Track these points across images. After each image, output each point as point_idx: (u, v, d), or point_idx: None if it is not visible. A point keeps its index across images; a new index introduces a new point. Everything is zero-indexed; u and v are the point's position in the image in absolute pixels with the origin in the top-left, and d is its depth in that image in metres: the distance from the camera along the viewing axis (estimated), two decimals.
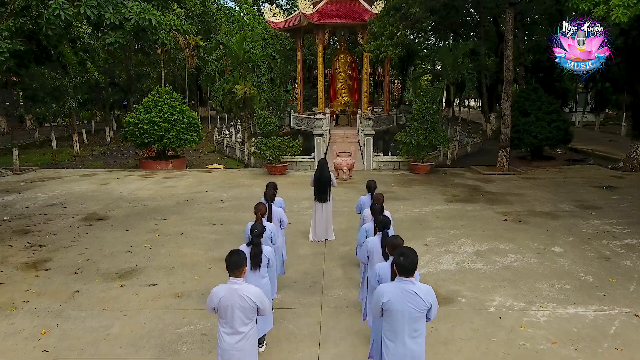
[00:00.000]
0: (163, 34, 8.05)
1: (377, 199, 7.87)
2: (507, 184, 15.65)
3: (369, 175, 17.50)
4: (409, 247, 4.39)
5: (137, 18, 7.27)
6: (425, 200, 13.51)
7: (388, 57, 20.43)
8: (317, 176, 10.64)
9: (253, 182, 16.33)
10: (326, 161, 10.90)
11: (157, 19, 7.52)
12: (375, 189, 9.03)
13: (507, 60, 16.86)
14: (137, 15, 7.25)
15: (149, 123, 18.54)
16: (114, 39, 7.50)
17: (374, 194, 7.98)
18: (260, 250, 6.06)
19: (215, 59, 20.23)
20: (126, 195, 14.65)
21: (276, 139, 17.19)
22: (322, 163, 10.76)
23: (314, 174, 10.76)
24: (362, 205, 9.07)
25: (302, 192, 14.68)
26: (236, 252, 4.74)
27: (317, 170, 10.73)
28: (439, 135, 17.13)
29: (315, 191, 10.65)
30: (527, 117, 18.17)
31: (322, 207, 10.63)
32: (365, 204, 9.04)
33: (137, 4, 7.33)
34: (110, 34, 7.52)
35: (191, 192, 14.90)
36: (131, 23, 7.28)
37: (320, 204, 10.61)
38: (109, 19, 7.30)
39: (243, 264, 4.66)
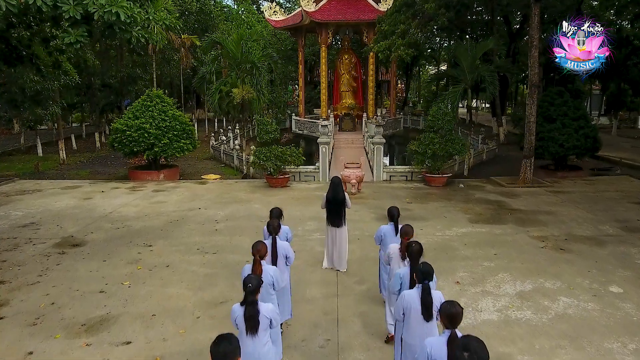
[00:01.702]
0: (138, 31, 6.50)
1: (406, 232, 6.31)
2: (534, 200, 14.06)
3: (379, 187, 15.93)
4: (476, 338, 3.24)
5: (101, 12, 5.71)
6: (447, 221, 11.92)
7: (394, 58, 18.81)
8: (329, 197, 9.13)
9: (252, 197, 14.74)
10: (340, 180, 9.35)
11: (128, 13, 5.94)
12: (399, 216, 7.51)
13: (532, 61, 15.27)
14: (102, 8, 5.69)
15: (138, 130, 16.94)
16: (75, 37, 5.93)
17: (404, 228, 6.39)
18: (257, 311, 4.57)
19: (210, 59, 18.64)
20: (109, 214, 13.06)
21: (277, 149, 15.60)
22: (336, 182, 9.21)
23: (326, 194, 9.24)
24: (382, 237, 7.52)
25: (307, 210, 13.09)
26: (225, 339, 3.28)
27: (329, 190, 9.19)
28: (456, 144, 15.55)
29: (328, 214, 9.15)
30: (552, 124, 16.58)
31: (335, 233, 9.13)
32: (387, 235, 7.49)
33: None
34: (71, 31, 5.96)
35: (182, 210, 13.31)
36: (95, 18, 5.73)
37: (333, 228, 9.12)
38: (67, 12, 5.74)
39: (235, 355, 3.24)
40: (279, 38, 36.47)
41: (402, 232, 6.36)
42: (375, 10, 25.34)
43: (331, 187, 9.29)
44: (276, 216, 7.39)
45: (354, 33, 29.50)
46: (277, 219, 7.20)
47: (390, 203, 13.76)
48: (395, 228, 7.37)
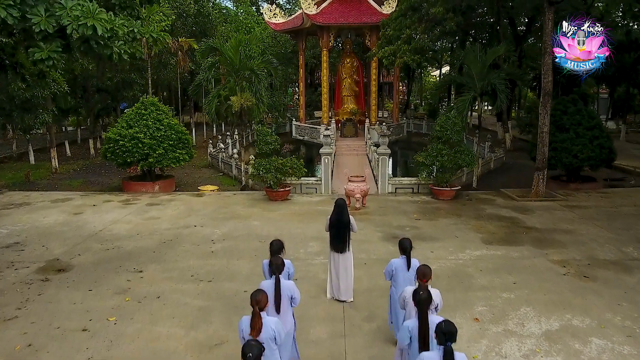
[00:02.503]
0: (121, 45, 5.75)
1: (424, 274, 5.60)
2: (549, 216, 13.31)
3: (385, 201, 15.17)
4: None
5: (75, 25, 4.96)
6: (459, 241, 11.16)
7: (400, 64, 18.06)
8: (333, 220, 8.39)
9: (250, 212, 13.97)
10: (344, 202, 8.58)
11: (107, 26, 5.19)
12: (412, 249, 6.80)
13: (546, 68, 14.52)
14: (76, 20, 4.94)
15: (132, 140, 16.18)
16: (47, 53, 5.19)
17: (421, 270, 5.64)
18: None
19: (207, 66, 17.86)
20: (100, 232, 12.29)
21: (277, 160, 14.84)
22: (340, 204, 8.45)
23: (330, 217, 8.49)
24: (393, 272, 6.78)
25: (309, 228, 12.32)
26: None
27: (333, 213, 8.44)
28: (466, 155, 14.80)
29: (331, 239, 8.40)
30: (565, 134, 15.83)
31: (339, 259, 8.38)
32: (399, 270, 6.77)
33: (77, 4, 5.02)
34: (42, 46, 5.21)
35: (177, 227, 12.54)
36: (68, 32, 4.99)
37: (337, 254, 8.37)
38: (38, 25, 4.99)
39: None
40: (278, 41, 35.68)
41: (420, 274, 5.62)
42: (378, 13, 24.58)
43: (335, 209, 8.56)
44: (277, 251, 6.67)
45: (356, 35, 28.75)
46: (280, 256, 6.48)
47: (397, 219, 13.08)
48: (407, 262, 6.67)
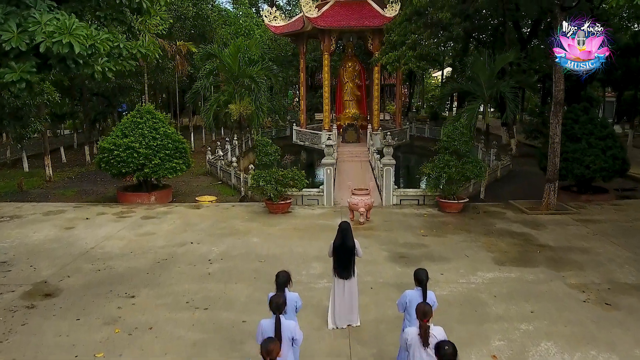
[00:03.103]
0: (104, 63, 5.17)
1: (424, 313, 5.18)
2: (562, 231, 12.71)
3: (390, 214, 14.57)
4: None
5: (49, 42, 4.37)
6: (470, 262, 10.57)
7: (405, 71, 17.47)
8: (337, 245, 7.88)
9: (250, 227, 13.37)
10: (349, 225, 8.03)
11: (86, 43, 4.60)
12: (428, 280, 6.27)
13: (557, 76, 13.94)
14: (50, 37, 4.35)
15: (126, 149, 15.60)
16: (19, 75, 4.59)
17: (421, 308, 5.18)
18: None
19: (205, 73, 17.27)
20: (91, 249, 11.70)
21: (278, 172, 14.26)
22: (344, 228, 7.93)
23: (334, 241, 7.98)
24: (407, 304, 6.23)
25: (311, 245, 11.73)
26: None
27: (337, 237, 7.92)
28: (474, 167, 14.21)
29: (335, 264, 7.88)
30: (577, 144, 15.24)
31: (343, 285, 7.84)
32: (414, 302, 6.21)
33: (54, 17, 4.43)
34: (14, 66, 4.61)
35: (173, 245, 11.95)
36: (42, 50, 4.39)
37: (341, 280, 7.83)
38: (9, 42, 4.40)
39: None
40: (278, 43, 35.09)
41: (420, 313, 5.16)
42: (381, 16, 23.99)
43: (339, 233, 8.03)
44: (283, 283, 6.16)
45: (358, 39, 28.16)
46: (283, 292, 5.96)
47: (403, 236, 12.48)
48: (423, 295, 6.12)
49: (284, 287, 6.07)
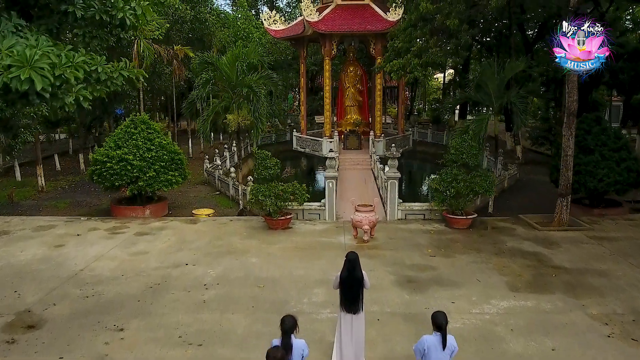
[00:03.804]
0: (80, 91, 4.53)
1: None
2: (577, 251, 12.07)
3: (395, 231, 13.92)
4: None
5: (6, 78, 3.73)
6: (482, 287, 9.93)
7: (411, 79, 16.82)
8: (343, 277, 7.32)
9: (248, 245, 12.72)
10: (357, 256, 7.45)
11: (49, 75, 3.94)
12: (447, 323, 5.69)
13: (571, 86, 13.31)
14: (7, 72, 3.70)
15: (120, 162, 14.97)
16: None
17: None
18: None
19: (202, 83, 16.63)
20: (80, 271, 11.06)
21: (278, 187, 13.61)
22: (352, 259, 7.38)
23: (340, 273, 7.43)
24: (425, 352, 5.64)
25: (313, 267, 11.10)
26: None
27: (344, 269, 7.37)
28: (483, 181, 13.57)
29: (342, 298, 7.29)
30: (589, 156, 14.59)
31: (351, 320, 7.25)
32: (432, 350, 5.64)
33: (17, 42, 3.79)
34: None
35: (166, 266, 11.30)
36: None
37: (348, 315, 7.25)
38: None
39: None
40: (278, 47, 34.44)
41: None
42: (384, 20, 23.36)
43: (346, 265, 7.44)
44: (289, 329, 5.64)
45: (360, 42, 27.52)
46: (289, 339, 5.43)
47: (410, 256, 11.83)
48: (442, 341, 5.54)
49: (290, 334, 5.57)
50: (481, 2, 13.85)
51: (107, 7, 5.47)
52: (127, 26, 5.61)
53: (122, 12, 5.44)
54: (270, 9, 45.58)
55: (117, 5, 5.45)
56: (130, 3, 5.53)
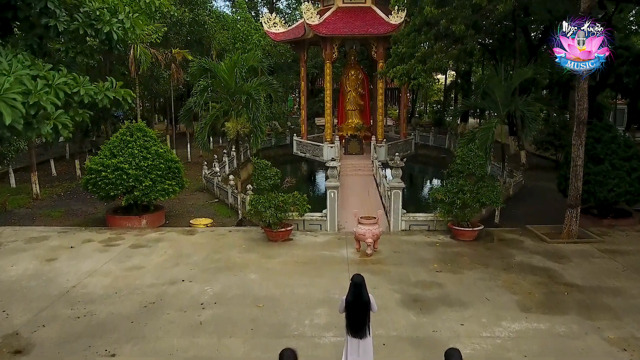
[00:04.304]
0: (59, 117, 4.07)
1: None
2: (589, 266, 11.63)
3: (399, 243, 13.47)
4: None
5: None
6: (492, 308, 9.48)
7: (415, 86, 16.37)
8: (349, 300, 7.00)
9: (247, 259, 12.28)
10: (363, 279, 7.10)
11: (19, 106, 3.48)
12: None
13: (581, 94, 12.88)
14: None
15: (115, 171, 14.52)
16: None
17: None
18: None
19: (199, 90, 16.18)
20: (72, 289, 10.61)
21: (278, 197, 13.17)
22: (358, 283, 7.05)
23: (346, 297, 7.08)
24: None
25: (314, 284, 10.65)
26: None
27: (349, 293, 7.04)
28: (490, 192, 13.14)
29: (348, 322, 6.94)
30: (599, 165, 14.17)
31: (358, 346, 6.87)
32: None
33: None
34: None
35: (162, 283, 10.85)
36: None
37: (354, 339, 6.87)
38: None
39: None
40: (278, 49, 34.00)
41: None
42: (386, 23, 22.91)
43: (351, 288, 7.08)
44: None
45: (361, 45, 27.09)
46: None
47: (415, 272, 11.37)
48: None
49: None
50: (487, 7, 13.39)
51: (92, 21, 5.04)
52: (113, 41, 5.17)
53: (109, 25, 5.02)
54: (270, 10, 45.19)
55: (103, 19, 5.03)
56: (118, 15, 5.11)
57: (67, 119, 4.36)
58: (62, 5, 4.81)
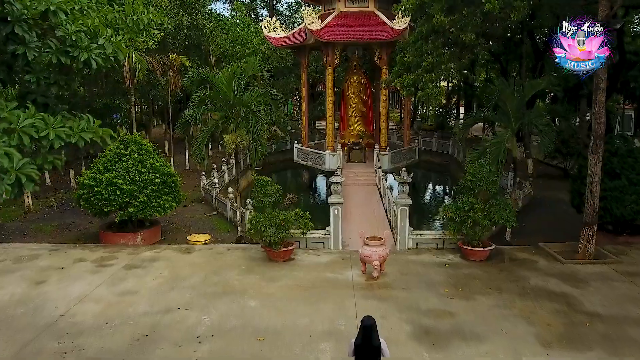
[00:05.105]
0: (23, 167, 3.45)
1: None
2: (609, 291, 10.99)
3: (406, 264, 12.82)
4: None
5: None
6: (509, 341, 8.83)
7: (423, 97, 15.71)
8: (358, 344, 6.48)
9: (247, 282, 11.62)
10: (374, 322, 6.58)
11: None
12: None
13: (598, 107, 12.25)
14: None
15: (109, 186, 13.86)
16: None
17: None
18: None
19: (196, 102, 15.51)
20: (60, 318, 9.95)
21: (279, 216, 12.52)
22: (368, 326, 6.56)
23: (354, 340, 6.54)
24: None
25: (318, 313, 10.00)
26: None
27: (359, 336, 6.57)
28: (502, 210, 12.51)
29: None
30: (615, 181, 13.53)
31: None
32: None
33: None
34: None
35: (156, 311, 10.19)
36: None
37: None
38: None
39: None
40: (279, 53, 33.36)
41: None
42: (390, 28, 22.26)
43: (361, 332, 6.55)
44: None
45: (364, 50, 26.44)
46: None
47: (425, 298, 10.69)
48: None
49: None
50: (499, 15, 12.75)
51: (67, 47, 4.40)
52: (93, 66, 4.53)
53: (87, 52, 4.38)
54: (269, 12, 44.54)
55: (80, 44, 4.38)
56: (98, 40, 4.47)
57: (33, 169, 3.70)
58: (32, 29, 4.19)
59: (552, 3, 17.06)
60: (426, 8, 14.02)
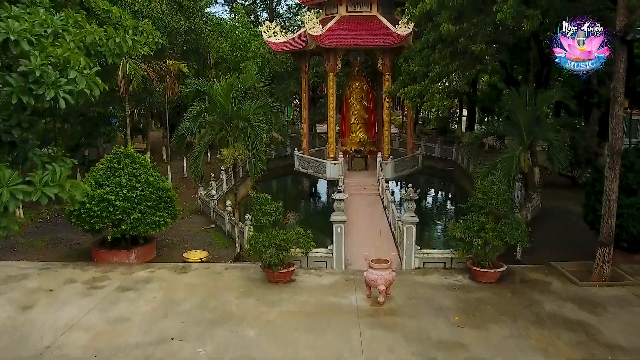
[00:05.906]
0: None
1: None
2: (629, 317, 10.38)
3: (413, 287, 12.19)
4: None
5: None
6: None
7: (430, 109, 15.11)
8: None
9: (246, 307, 11.00)
10: None
11: None
12: None
13: (615, 122, 11.65)
14: None
15: (101, 202, 13.25)
16: None
17: None
18: None
19: (192, 116, 14.87)
20: (46, 350, 9.34)
21: (279, 236, 11.90)
22: None
23: None
24: None
25: (320, 343, 9.40)
26: None
27: None
28: (515, 230, 11.89)
29: None
30: (632, 197, 12.91)
31: None
32: None
33: None
34: None
35: (149, 341, 9.58)
36: None
37: None
38: None
39: None
40: (279, 58, 32.70)
41: None
42: (393, 34, 21.61)
43: None
44: None
45: (366, 55, 25.82)
46: None
47: (434, 326, 10.04)
48: None
49: None
50: (509, 24, 12.15)
51: (31, 84, 3.76)
52: (61, 109, 3.91)
53: (54, 89, 3.75)
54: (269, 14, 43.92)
55: (46, 80, 3.75)
56: (69, 72, 3.84)
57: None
58: None
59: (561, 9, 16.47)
60: (433, 16, 13.40)
